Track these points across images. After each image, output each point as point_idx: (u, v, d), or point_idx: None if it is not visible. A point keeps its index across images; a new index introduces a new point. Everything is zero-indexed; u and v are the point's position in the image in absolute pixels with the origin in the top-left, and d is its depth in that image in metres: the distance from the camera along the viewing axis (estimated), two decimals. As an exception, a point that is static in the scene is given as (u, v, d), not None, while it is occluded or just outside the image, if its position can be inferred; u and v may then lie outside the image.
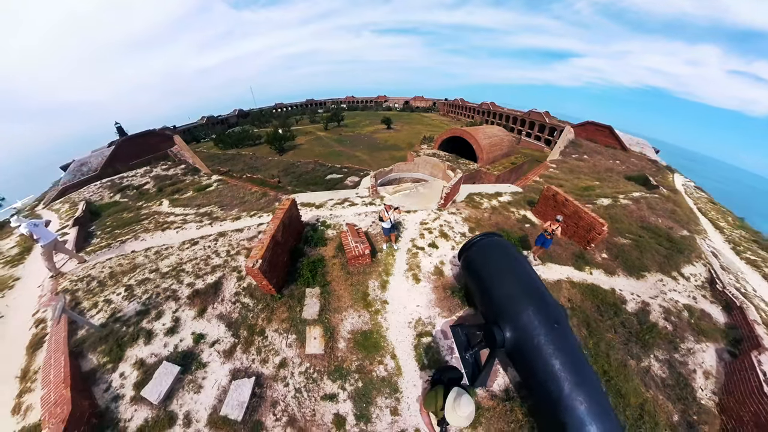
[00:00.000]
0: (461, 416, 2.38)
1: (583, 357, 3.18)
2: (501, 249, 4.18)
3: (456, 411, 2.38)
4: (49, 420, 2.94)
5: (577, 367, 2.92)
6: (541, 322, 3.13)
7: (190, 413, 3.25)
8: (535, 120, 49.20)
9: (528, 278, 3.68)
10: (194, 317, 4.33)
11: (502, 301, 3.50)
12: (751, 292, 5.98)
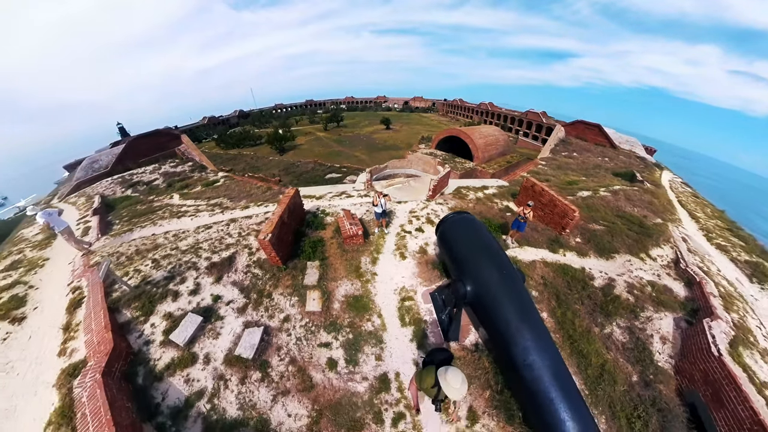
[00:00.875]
0: (455, 387, 2.57)
1: (531, 306, 3.82)
2: (468, 223, 4.93)
3: (449, 383, 2.59)
4: (94, 356, 3.64)
5: (524, 313, 3.56)
6: (497, 279, 3.82)
7: (210, 354, 3.96)
8: (532, 120, 49.84)
9: (489, 246, 4.38)
10: (212, 283, 5.09)
11: (466, 263, 4.22)
12: (714, 272, 6.62)
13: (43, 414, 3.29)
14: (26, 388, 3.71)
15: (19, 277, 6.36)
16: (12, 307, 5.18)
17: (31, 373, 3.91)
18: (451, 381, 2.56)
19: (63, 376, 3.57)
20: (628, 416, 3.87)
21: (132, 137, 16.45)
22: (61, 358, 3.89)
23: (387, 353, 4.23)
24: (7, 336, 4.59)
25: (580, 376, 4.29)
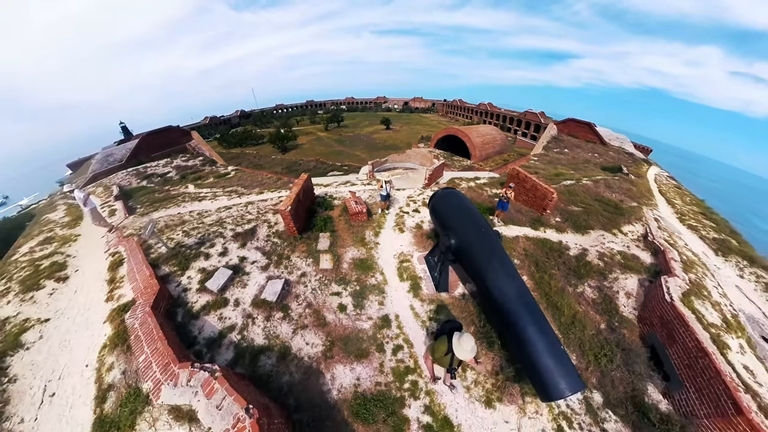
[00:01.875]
0: (466, 349, 2.87)
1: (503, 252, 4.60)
2: (454, 195, 5.88)
3: (461, 346, 2.89)
4: (141, 296, 4.40)
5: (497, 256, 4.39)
6: (475, 233, 4.69)
7: (239, 299, 4.71)
8: (530, 120, 50.86)
9: (469, 211, 5.29)
10: (238, 247, 5.87)
11: (451, 222, 5.14)
12: (681, 245, 7.39)
13: (96, 343, 4.01)
14: (78, 326, 4.45)
15: (55, 249, 7.13)
16: (54, 270, 5.94)
17: (81, 316, 4.65)
18: (464, 344, 2.88)
19: (113, 313, 4.30)
20: (596, 354, 4.60)
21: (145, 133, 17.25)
22: (108, 303, 4.62)
23: (388, 300, 5.01)
24: (54, 291, 5.35)
25: (554, 323, 5.01)
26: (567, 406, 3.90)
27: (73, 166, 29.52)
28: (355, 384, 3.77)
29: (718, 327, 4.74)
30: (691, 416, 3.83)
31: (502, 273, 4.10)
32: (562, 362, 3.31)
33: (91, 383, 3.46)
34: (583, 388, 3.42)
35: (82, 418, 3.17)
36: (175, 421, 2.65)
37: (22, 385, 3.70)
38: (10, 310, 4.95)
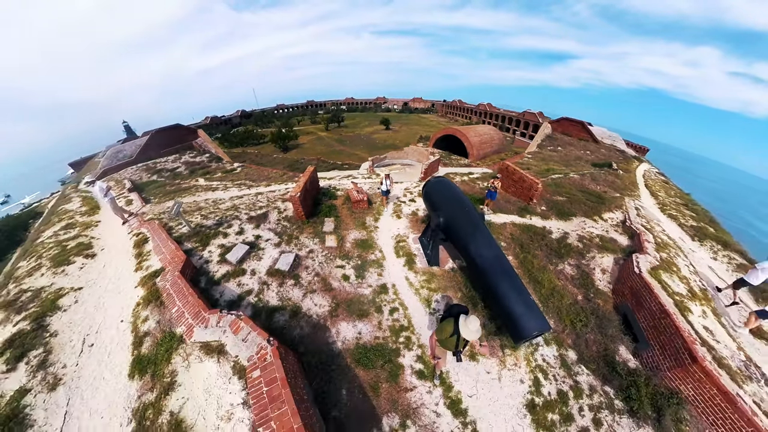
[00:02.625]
0: (472, 329, 2.94)
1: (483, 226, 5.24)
2: (443, 182, 6.60)
3: (468, 327, 2.96)
4: (169, 264, 4.96)
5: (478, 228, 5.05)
6: (460, 212, 5.39)
7: (255, 269, 5.27)
8: (529, 120, 51.60)
9: (456, 194, 5.99)
10: (253, 228, 6.46)
11: (440, 204, 5.83)
12: (659, 231, 7.97)
13: (129, 303, 4.55)
14: (110, 293, 5.00)
15: (78, 232, 7.69)
16: (82, 249, 6.50)
17: (112, 284, 5.21)
18: (470, 324, 2.95)
19: (144, 279, 4.85)
20: (572, 320, 5.15)
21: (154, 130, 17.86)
22: (138, 272, 5.18)
23: (386, 272, 5.59)
24: (83, 266, 5.91)
25: (535, 295, 5.57)
26: (543, 360, 4.45)
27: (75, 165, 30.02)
28: (357, 337, 4.32)
29: (682, 295, 5.30)
30: (656, 371, 4.39)
31: (482, 242, 4.74)
32: (532, 310, 3.90)
33: (128, 333, 4.01)
34: (549, 329, 3.97)
35: (120, 361, 3.71)
36: (206, 355, 3.20)
37: (62, 338, 4.24)
38: (45, 281, 5.51)
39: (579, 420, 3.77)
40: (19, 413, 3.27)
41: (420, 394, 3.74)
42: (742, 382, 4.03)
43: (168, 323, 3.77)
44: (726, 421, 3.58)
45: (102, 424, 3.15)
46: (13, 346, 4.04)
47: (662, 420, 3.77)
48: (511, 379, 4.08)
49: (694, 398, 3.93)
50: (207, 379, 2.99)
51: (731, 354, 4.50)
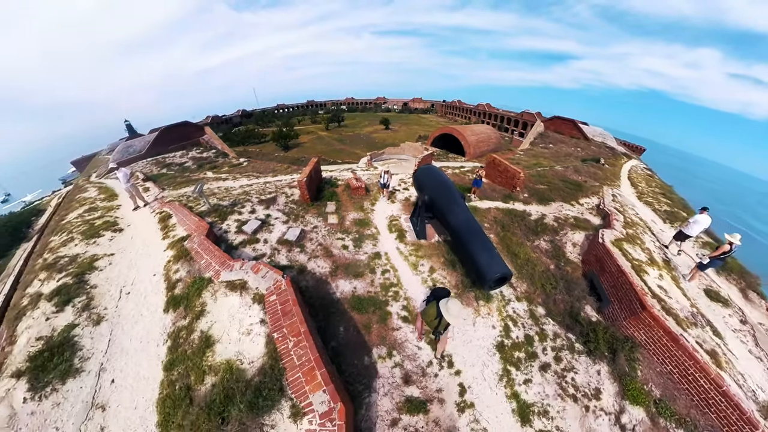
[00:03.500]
0: (452, 314, 3.05)
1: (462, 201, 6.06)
2: (430, 168, 7.62)
3: (449, 312, 3.06)
4: (195, 231, 5.72)
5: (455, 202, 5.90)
6: (443, 191, 6.28)
7: (267, 239, 6.04)
8: (527, 120, 52.37)
9: (440, 177, 6.92)
10: (263, 209, 7.26)
11: (426, 185, 6.70)
12: (631, 214, 8.70)
13: (160, 262, 5.29)
14: (140, 256, 5.74)
15: (102, 213, 8.45)
16: (109, 225, 7.25)
17: (142, 250, 5.96)
18: (451, 308, 3.07)
19: (172, 244, 5.61)
20: (543, 283, 5.88)
21: (163, 127, 18.70)
22: (165, 240, 5.94)
23: (380, 243, 6.38)
24: (113, 238, 6.66)
25: (511, 264, 6.29)
26: (514, 312, 5.18)
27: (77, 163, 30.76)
28: (353, 290, 5.06)
29: (641, 261, 6.02)
30: (615, 323, 5.10)
31: (457, 210, 5.67)
32: (494, 258, 4.71)
33: (161, 282, 4.75)
34: (510, 273, 4.70)
35: (155, 302, 4.45)
36: (231, 290, 3.93)
37: (101, 290, 4.97)
38: (79, 250, 6.25)
39: (542, 357, 4.48)
40: (69, 340, 4.01)
41: (404, 333, 4.46)
42: (687, 327, 4.74)
43: (197, 271, 4.51)
44: (672, 358, 4.23)
45: (141, 346, 3.89)
46: (59, 294, 4.77)
47: (616, 358, 4.46)
48: (484, 326, 4.80)
49: (645, 342, 4.61)
50: (231, 307, 3.72)
51: (681, 307, 5.22)
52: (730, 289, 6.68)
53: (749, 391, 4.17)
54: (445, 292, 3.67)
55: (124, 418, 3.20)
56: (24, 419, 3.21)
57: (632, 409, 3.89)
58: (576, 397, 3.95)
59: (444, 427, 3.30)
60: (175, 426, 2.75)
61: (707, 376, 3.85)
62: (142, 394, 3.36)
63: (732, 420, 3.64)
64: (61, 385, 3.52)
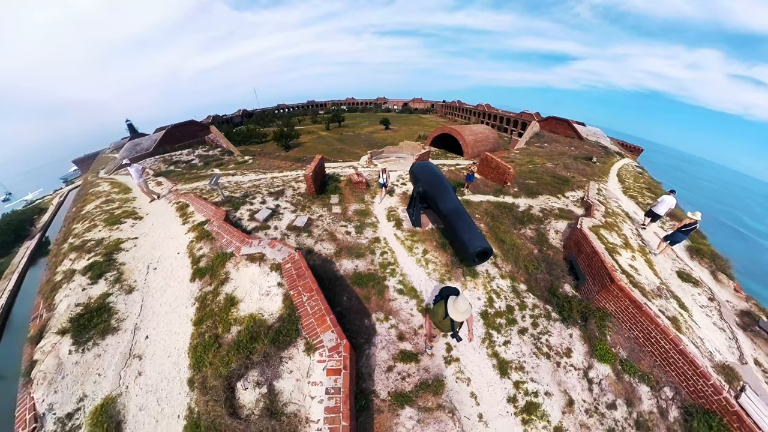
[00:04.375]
0: (460, 311, 2.94)
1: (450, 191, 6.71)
2: (424, 163, 8.25)
3: (456, 309, 2.95)
4: (213, 216, 6.33)
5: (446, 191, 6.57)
6: (436, 183, 6.90)
7: (277, 225, 6.68)
8: (526, 121, 53.08)
9: (433, 171, 7.53)
10: (273, 200, 7.93)
11: (421, 178, 7.35)
12: (614, 206, 9.31)
13: (183, 243, 5.89)
14: (163, 239, 6.33)
15: (119, 204, 9.05)
16: (129, 214, 7.86)
17: (165, 233, 6.56)
18: (458, 305, 2.94)
19: (193, 227, 6.21)
20: (526, 265, 6.48)
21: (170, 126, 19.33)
22: (185, 225, 6.56)
23: (379, 230, 7.02)
24: (134, 224, 7.26)
25: (498, 249, 6.89)
26: (498, 287, 5.77)
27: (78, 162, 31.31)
28: (355, 268, 5.68)
29: (616, 245, 6.62)
30: (590, 298, 5.68)
31: (447, 198, 6.39)
32: (476, 236, 5.41)
33: (186, 259, 5.35)
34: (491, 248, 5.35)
35: (181, 274, 5.05)
36: (251, 262, 4.52)
37: (129, 266, 5.56)
38: (103, 235, 6.85)
39: (521, 323, 5.08)
40: (105, 306, 4.59)
41: (399, 303, 5.06)
42: (652, 298, 5.33)
43: (219, 248, 5.11)
44: (637, 324, 4.77)
45: (171, 309, 4.49)
46: (92, 269, 5.34)
47: (587, 324, 5.05)
48: (471, 297, 5.40)
49: (615, 311, 5.17)
50: (251, 275, 4.31)
51: (649, 282, 5.80)
52: (702, 272, 7.29)
53: (707, 352, 4.75)
54: (453, 291, 3.49)
55: (159, 364, 3.80)
56: (69, 367, 3.80)
57: (599, 365, 4.48)
58: (549, 355, 4.55)
59: (432, 373, 3.88)
60: (207, 364, 3.34)
61: (667, 337, 4.41)
62: (174, 344, 3.95)
63: (689, 375, 4.15)
64: (101, 340, 4.11)
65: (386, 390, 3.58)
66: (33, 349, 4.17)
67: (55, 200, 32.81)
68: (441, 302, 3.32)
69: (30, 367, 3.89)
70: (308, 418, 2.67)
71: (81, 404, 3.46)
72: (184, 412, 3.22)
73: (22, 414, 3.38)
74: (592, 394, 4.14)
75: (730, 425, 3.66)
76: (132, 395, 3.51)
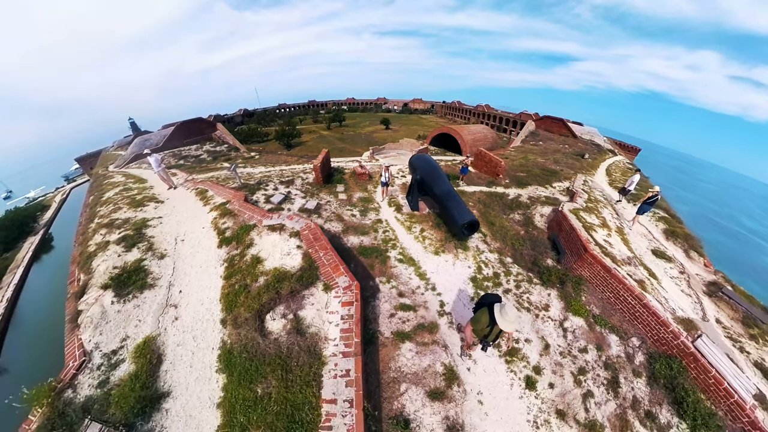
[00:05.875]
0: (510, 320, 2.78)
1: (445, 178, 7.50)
2: (422, 155, 9.13)
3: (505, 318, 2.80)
4: (233, 198, 7.04)
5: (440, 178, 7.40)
6: (431, 172, 7.73)
7: (290, 208, 7.46)
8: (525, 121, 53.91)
9: (429, 161, 8.38)
10: (284, 188, 8.72)
11: (418, 167, 8.18)
12: (598, 195, 10.06)
13: (207, 219, 6.59)
14: (186, 218, 7.04)
15: (138, 191, 9.74)
16: (151, 199, 8.55)
17: (187, 213, 7.27)
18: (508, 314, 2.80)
19: (215, 207, 6.92)
20: (513, 242, 7.19)
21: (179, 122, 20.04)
22: (206, 206, 7.26)
23: (381, 214, 7.83)
24: (157, 207, 7.97)
25: (488, 230, 7.62)
26: (486, 259, 6.48)
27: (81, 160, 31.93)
28: (360, 243, 6.41)
29: (593, 224, 7.36)
30: (568, 268, 6.38)
31: (440, 183, 7.25)
32: (464, 211, 6.28)
33: (211, 231, 6.05)
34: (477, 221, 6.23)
35: (208, 243, 5.75)
36: (272, 231, 5.23)
37: (158, 239, 6.25)
38: (129, 215, 7.54)
39: (505, 285, 5.79)
40: (141, 268, 5.26)
41: (399, 269, 5.78)
42: (621, 265, 6.03)
43: (242, 222, 5.83)
44: (608, 286, 5.43)
45: (201, 270, 5.19)
46: (125, 240, 6.03)
47: (564, 286, 5.75)
48: (462, 266, 6.12)
49: (589, 277, 5.83)
50: (273, 241, 5.01)
51: (621, 254, 6.52)
52: (676, 250, 8.04)
53: (669, 308, 5.43)
54: (496, 298, 3.31)
55: (193, 311, 4.48)
56: (112, 315, 4.48)
57: (574, 318, 5.16)
58: (529, 309, 5.25)
59: (427, 321, 4.57)
60: (239, 304, 4.02)
61: (632, 293, 5.04)
62: (206, 295, 4.65)
63: (652, 326, 4.70)
64: (139, 294, 4.80)
65: (389, 330, 4.27)
66: (76, 302, 4.85)
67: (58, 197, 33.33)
68: (484, 309, 3.17)
69: (75, 316, 4.57)
70: (327, 337, 3.37)
71: (124, 343, 4.13)
72: (217, 344, 3.90)
73: (71, 351, 4.03)
74: (566, 341, 4.82)
75: (687, 366, 4.21)
76: (170, 335, 4.19)
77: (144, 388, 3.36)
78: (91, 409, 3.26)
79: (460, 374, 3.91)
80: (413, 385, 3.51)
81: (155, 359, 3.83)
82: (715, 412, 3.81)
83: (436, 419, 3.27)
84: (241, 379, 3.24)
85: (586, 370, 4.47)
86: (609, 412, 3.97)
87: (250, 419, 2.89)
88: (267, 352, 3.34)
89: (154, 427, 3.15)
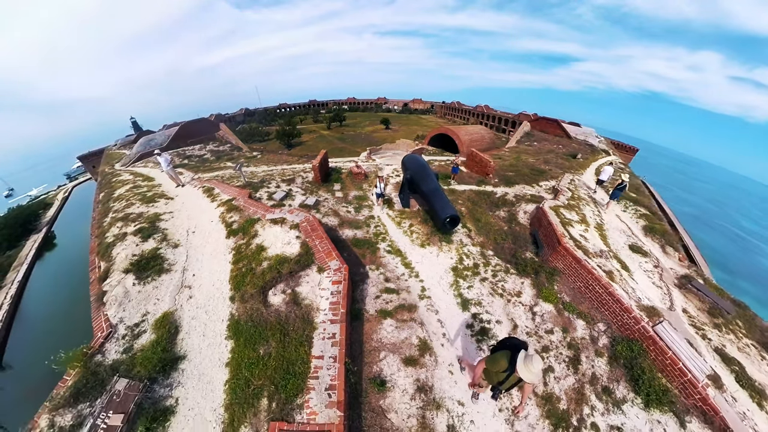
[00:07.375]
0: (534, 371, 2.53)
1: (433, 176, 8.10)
2: (413, 156, 9.74)
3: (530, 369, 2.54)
4: (238, 195, 7.68)
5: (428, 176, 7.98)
6: (420, 170, 8.30)
7: (291, 204, 8.13)
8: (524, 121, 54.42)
9: (419, 161, 9.00)
10: (285, 185, 9.42)
11: (409, 166, 8.83)
12: (583, 193, 10.61)
13: (215, 214, 7.24)
14: (196, 212, 7.69)
15: (147, 189, 10.40)
16: (161, 195, 9.22)
17: (196, 209, 7.92)
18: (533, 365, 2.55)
19: (222, 203, 7.57)
20: (495, 237, 7.78)
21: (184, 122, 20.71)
22: (213, 202, 7.91)
23: (374, 210, 8.44)
24: (167, 203, 8.62)
25: (474, 226, 8.19)
26: (469, 251, 7.06)
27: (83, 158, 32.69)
28: (354, 235, 7.04)
29: (572, 220, 7.91)
30: (545, 261, 6.95)
31: (428, 181, 7.83)
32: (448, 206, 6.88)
33: (219, 224, 6.70)
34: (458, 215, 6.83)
35: (217, 235, 6.39)
36: (274, 224, 5.86)
37: (171, 231, 6.90)
38: (142, 210, 8.19)
39: (483, 274, 6.37)
40: (157, 256, 5.91)
41: (387, 260, 6.40)
42: (592, 257, 6.57)
43: (248, 216, 6.47)
44: (579, 276, 5.94)
45: (212, 257, 5.83)
46: (141, 232, 6.69)
47: (538, 276, 6.31)
48: (445, 257, 6.73)
49: (562, 268, 6.38)
50: (275, 232, 5.65)
51: (594, 247, 7.06)
52: (653, 246, 8.57)
53: (635, 297, 5.95)
54: (522, 344, 2.96)
55: (205, 290, 5.11)
56: (134, 294, 5.11)
57: (544, 304, 5.73)
58: (503, 295, 5.84)
59: (408, 302, 5.17)
60: (246, 283, 4.65)
61: (599, 282, 5.54)
62: (217, 277, 5.29)
63: (617, 312, 5.14)
64: (157, 277, 5.43)
65: (374, 309, 4.89)
66: (100, 285, 5.49)
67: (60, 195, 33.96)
68: (505, 353, 2.88)
69: (100, 296, 5.20)
70: (318, 308, 3.99)
71: (145, 317, 4.75)
72: (227, 317, 4.52)
73: (98, 324, 4.67)
74: (534, 323, 5.40)
75: (647, 348, 4.61)
76: (185, 310, 4.82)
77: (164, 351, 3.98)
78: (119, 369, 3.88)
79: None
80: (391, 353, 4.12)
81: (173, 329, 4.46)
82: (669, 389, 4.21)
83: (409, 381, 3.86)
84: (246, 342, 3.86)
85: (550, 348, 5.03)
86: (567, 386, 4.48)
87: (253, 373, 3.51)
88: (269, 320, 3.97)
89: (172, 382, 3.77)
